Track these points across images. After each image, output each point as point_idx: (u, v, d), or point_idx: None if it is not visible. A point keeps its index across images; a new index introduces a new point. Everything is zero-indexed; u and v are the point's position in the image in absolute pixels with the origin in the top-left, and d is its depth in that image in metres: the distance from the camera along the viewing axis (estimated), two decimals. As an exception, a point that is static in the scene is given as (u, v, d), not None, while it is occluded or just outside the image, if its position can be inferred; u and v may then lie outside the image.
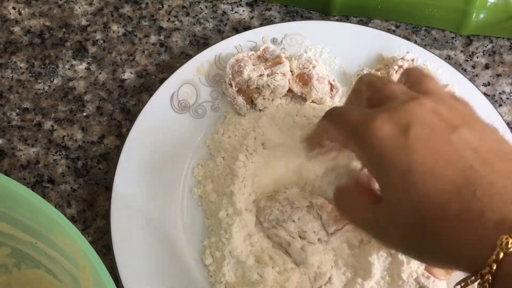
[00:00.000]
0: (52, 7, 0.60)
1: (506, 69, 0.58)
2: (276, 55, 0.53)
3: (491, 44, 0.59)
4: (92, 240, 0.50)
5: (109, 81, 0.56)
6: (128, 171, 0.49)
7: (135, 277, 0.46)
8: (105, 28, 0.59)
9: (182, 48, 0.58)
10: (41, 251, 0.39)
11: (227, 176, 0.49)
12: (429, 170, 0.33)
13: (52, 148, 0.53)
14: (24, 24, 0.59)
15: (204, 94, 0.53)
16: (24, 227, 0.38)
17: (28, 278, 0.42)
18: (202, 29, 0.59)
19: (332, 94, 0.52)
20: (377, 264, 0.45)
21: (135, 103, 0.55)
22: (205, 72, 0.54)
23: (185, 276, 0.47)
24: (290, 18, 0.60)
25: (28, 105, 0.55)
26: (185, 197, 0.50)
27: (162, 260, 0.47)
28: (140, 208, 0.48)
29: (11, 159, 0.53)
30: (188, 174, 0.51)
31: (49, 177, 0.52)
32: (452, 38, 0.59)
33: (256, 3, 0.61)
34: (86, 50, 0.58)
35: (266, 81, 0.51)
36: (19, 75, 0.56)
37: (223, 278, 0.46)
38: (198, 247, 0.48)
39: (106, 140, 0.54)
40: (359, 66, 0.55)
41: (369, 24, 0.60)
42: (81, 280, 0.37)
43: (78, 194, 0.52)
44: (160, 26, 0.59)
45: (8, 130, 0.54)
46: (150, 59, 0.57)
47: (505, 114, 0.56)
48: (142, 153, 0.50)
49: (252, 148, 0.49)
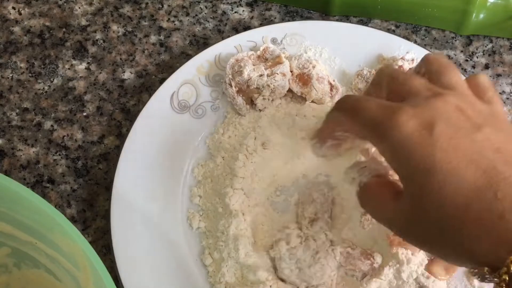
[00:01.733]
0: (52, 7, 0.60)
1: (506, 69, 0.58)
2: (276, 55, 0.53)
3: (491, 44, 0.59)
4: (92, 240, 0.50)
5: (109, 81, 0.56)
6: (128, 171, 0.49)
7: (135, 277, 0.46)
8: (105, 28, 0.59)
9: (182, 48, 0.58)
10: (41, 251, 0.39)
11: (227, 176, 0.49)
12: (452, 170, 0.33)
13: (52, 148, 0.53)
14: (24, 24, 0.59)
15: (204, 94, 0.53)
16: (24, 227, 0.38)
17: (28, 278, 0.42)
18: (202, 29, 0.59)
19: (332, 94, 0.52)
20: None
21: (135, 103, 0.55)
22: (205, 72, 0.54)
23: (185, 276, 0.47)
24: (290, 18, 0.60)
25: (28, 105, 0.55)
26: (185, 197, 0.50)
27: (162, 260, 0.47)
28: (140, 208, 0.48)
29: (11, 159, 0.53)
30: (188, 174, 0.51)
31: (49, 177, 0.52)
32: (452, 38, 0.59)
33: (256, 3, 0.61)
34: (86, 50, 0.58)
35: (266, 81, 0.51)
36: (19, 75, 0.56)
37: (223, 278, 0.46)
38: (197, 247, 0.48)
39: (106, 140, 0.54)
40: (359, 66, 0.55)
41: (369, 24, 0.60)
42: (81, 280, 0.37)
43: (78, 194, 0.52)
44: (160, 26, 0.59)
45: (8, 130, 0.54)
46: (150, 59, 0.57)
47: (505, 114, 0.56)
48: (142, 153, 0.50)
49: (252, 148, 0.49)
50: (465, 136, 0.34)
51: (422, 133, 0.34)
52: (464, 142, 0.34)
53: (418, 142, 0.34)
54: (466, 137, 0.34)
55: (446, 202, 0.33)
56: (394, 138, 0.35)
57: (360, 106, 0.38)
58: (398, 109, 0.36)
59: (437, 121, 0.34)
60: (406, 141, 0.35)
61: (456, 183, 0.33)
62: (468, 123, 0.35)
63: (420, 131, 0.34)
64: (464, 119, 0.35)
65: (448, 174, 0.33)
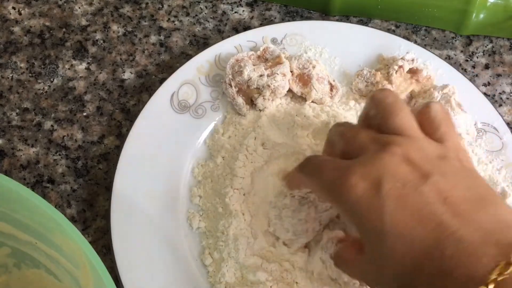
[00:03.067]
0: (52, 7, 0.60)
1: (506, 69, 0.58)
2: (276, 55, 0.53)
3: (491, 44, 0.59)
4: (92, 240, 0.50)
5: (109, 81, 0.56)
6: (128, 171, 0.49)
7: (135, 277, 0.46)
8: (105, 28, 0.59)
9: (182, 48, 0.58)
10: (41, 251, 0.39)
11: (227, 176, 0.49)
12: (402, 231, 0.34)
13: (52, 148, 0.53)
14: (24, 24, 0.59)
15: (204, 94, 0.53)
16: (24, 227, 0.38)
17: (28, 278, 0.42)
18: (202, 29, 0.59)
19: (332, 94, 0.52)
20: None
21: (135, 103, 0.55)
22: (205, 72, 0.54)
23: (185, 276, 0.47)
24: (290, 18, 0.60)
25: (28, 105, 0.55)
26: (185, 197, 0.50)
27: (162, 260, 0.47)
28: (140, 208, 0.48)
29: (11, 159, 0.53)
30: (188, 174, 0.51)
31: (49, 177, 0.52)
32: (452, 38, 0.59)
33: (256, 3, 0.61)
34: (86, 50, 0.58)
35: (266, 81, 0.51)
36: (19, 75, 0.56)
37: (223, 278, 0.46)
38: (198, 247, 0.48)
39: (106, 140, 0.54)
40: (359, 66, 0.55)
41: (369, 24, 0.60)
42: (81, 280, 0.37)
43: (78, 194, 0.52)
44: (160, 26, 0.59)
45: (8, 130, 0.54)
46: (150, 59, 0.57)
47: (505, 114, 0.56)
48: (142, 153, 0.50)
49: (252, 148, 0.49)
50: (413, 191, 0.34)
51: (370, 196, 0.35)
52: (413, 197, 0.34)
53: (367, 205, 0.35)
54: (414, 191, 0.34)
55: (399, 264, 0.34)
56: (348, 201, 0.36)
57: (319, 169, 0.39)
58: (348, 171, 0.36)
59: (384, 179, 0.35)
60: (357, 205, 0.35)
61: (406, 245, 0.33)
62: (416, 173, 0.35)
63: (369, 193, 0.35)
64: (411, 170, 0.35)
65: (398, 236, 0.34)
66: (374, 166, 0.36)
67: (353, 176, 0.36)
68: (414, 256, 0.33)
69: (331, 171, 0.38)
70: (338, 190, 0.36)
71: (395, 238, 0.34)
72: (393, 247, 0.34)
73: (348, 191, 0.36)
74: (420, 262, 0.33)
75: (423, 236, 0.33)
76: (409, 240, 0.33)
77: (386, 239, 0.34)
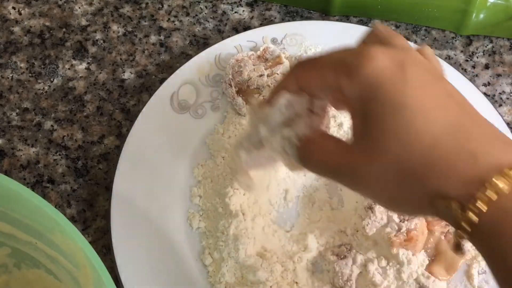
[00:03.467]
0: (52, 7, 0.60)
1: (506, 69, 0.58)
2: (276, 55, 0.53)
3: (491, 44, 0.59)
4: (92, 240, 0.50)
5: (109, 81, 0.56)
6: (128, 171, 0.49)
7: (135, 277, 0.46)
8: (105, 28, 0.59)
9: (182, 48, 0.58)
10: (41, 251, 0.39)
11: (227, 176, 0.49)
12: (423, 107, 0.33)
13: (52, 148, 0.53)
14: (24, 24, 0.59)
15: (204, 94, 0.53)
16: (24, 227, 0.38)
17: (28, 278, 0.42)
18: (202, 29, 0.59)
19: (332, 94, 0.52)
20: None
21: (135, 103, 0.55)
22: (205, 72, 0.54)
23: (185, 276, 0.47)
24: (290, 18, 0.60)
25: (28, 105, 0.55)
26: (185, 197, 0.50)
27: (162, 260, 0.47)
28: (140, 208, 0.48)
29: (11, 159, 0.53)
30: (188, 174, 0.51)
31: (49, 177, 0.52)
32: (452, 38, 0.59)
33: (256, 3, 0.61)
34: (86, 50, 0.58)
35: (266, 81, 0.51)
36: (19, 75, 0.56)
37: (223, 278, 0.46)
38: (197, 247, 0.48)
39: (106, 140, 0.54)
40: (359, 66, 0.55)
41: (369, 24, 0.60)
42: (81, 280, 0.37)
43: (78, 194, 0.52)
44: (160, 26, 0.59)
45: (8, 130, 0.54)
46: (150, 59, 0.57)
47: (505, 114, 0.56)
48: (142, 153, 0.50)
49: (252, 148, 0.49)
50: (436, 80, 0.34)
51: (394, 70, 0.33)
52: (433, 86, 0.34)
53: (389, 77, 0.33)
54: (436, 81, 0.34)
55: (412, 140, 0.32)
56: (366, 70, 0.34)
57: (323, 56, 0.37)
58: (371, 45, 0.35)
59: (408, 61, 0.34)
60: (378, 75, 0.33)
61: (425, 122, 0.32)
62: (434, 71, 0.35)
63: (392, 66, 0.34)
64: (429, 68, 0.35)
65: (418, 112, 0.33)
66: (395, 50, 0.35)
67: (374, 49, 0.34)
68: (434, 133, 0.32)
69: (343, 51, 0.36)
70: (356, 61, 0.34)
71: (415, 112, 0.32)
72: (412, 121, 0.32)
73: (370, 60, 0.33)
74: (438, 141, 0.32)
75: (446, 116, 0.32)
76: (432, 117, 0.32)
77: (405, 112, 0.32)
